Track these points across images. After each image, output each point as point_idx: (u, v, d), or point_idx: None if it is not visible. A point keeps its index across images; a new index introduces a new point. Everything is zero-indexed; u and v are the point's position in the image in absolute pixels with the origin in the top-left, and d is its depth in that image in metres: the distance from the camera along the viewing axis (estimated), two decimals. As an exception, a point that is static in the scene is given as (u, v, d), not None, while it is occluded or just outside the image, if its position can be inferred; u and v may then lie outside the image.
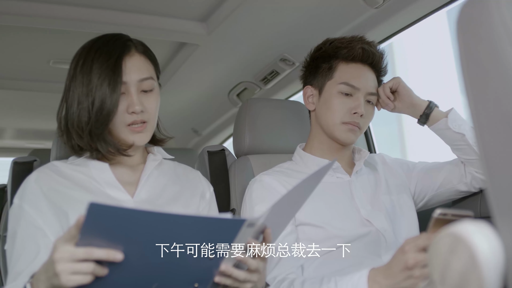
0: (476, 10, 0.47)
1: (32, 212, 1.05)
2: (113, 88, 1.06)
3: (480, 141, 0.49)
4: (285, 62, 2.09)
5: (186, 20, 1.87)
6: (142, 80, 1.11)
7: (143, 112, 1.10)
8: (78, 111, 1.08)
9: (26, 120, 3.06)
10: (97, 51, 1.10)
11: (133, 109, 1.08)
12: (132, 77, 1.10)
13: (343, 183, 1.39)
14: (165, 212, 0.75)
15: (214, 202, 1.29)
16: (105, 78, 1.06)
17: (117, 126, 1.10)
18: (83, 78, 1.08)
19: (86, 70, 1.08)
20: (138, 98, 1.10)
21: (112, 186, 1.12)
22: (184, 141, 3.27)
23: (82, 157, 1.16)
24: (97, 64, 1.08)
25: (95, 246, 0.76)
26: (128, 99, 1.09)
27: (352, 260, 1.26)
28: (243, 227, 0.80)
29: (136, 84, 1.10)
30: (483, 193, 1.43)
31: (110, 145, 1.10)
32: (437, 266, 0.51)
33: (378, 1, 1.59)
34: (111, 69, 1.07)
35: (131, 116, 1.09)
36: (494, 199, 0.49)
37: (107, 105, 1.06)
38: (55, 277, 0.77)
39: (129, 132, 1.10)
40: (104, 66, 1.07)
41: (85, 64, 1.09)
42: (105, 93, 1.06)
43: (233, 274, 0.85)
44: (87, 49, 1.12)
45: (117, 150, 1.11)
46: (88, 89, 1.07)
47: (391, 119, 2.56)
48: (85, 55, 1.11)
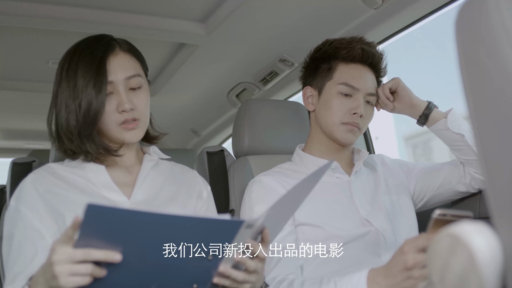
0: (475, 11, 0.47)
1: (29, 214, 1.05)
2: (99, 88, 1.06)
3: (479, 142, 0.49)
4: (284, 63, 2.09)
5: (185, 20, 1.87)
6: (129, 78, 1.11)
7: (133, 110, 1.10)
8: (66, 115, 1.08)
9: (25, 121, 3.05)
10: (81, 53, 1.10)
11: (122, 107, 1.08)
12: (118, 76, 1.09)
13: (342, 183, 1.39)
14: (163, 213, 0.75)
15: (211, 201, 1.28)
16: (90, 79, 1.06)
17: (109, 126, 1.10)
18: (69, 82, 1.08)
19: (71, 74, 1.08)
20: (127, 96, 1.09)
21: (109, 188, 1.12)
22: (183, 142, 3.27)
23: (77, 160, 1.16)
24: (81, 66, 1.08)
25: (93, 248, 0.75)
26: (117, 98, 1.09)
27: (351, 260, 1.26)
28: (242, 228, 0.80)
29: (124, 83, 1.10)
30: (482, 193, 1.43)
31: (100, 145, 1.09)
32: (437, 266, 0.51)
33: (377, 2, 1.59)
34: (95, 69, 1.07)
35: (121, 115, 1.09)
36: (493, 200, 0.49)
37: (94, 106, 1.05)
38: (54, 279, 0.77)
39: (122, 130, 1.10)
40: (88, 68, 1.07)
41: (70, 68, 1.09)
42: (91, 94, 1.05)
43: (232, 275, 0.85)
44: (71, 53, 1.12)
45: (107, 150, 1.11)
46: (74, 92, 1.07)
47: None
48: (70, 58, 1.11)
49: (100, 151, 1.10)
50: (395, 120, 3.70)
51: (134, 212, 0.76)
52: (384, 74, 1.44)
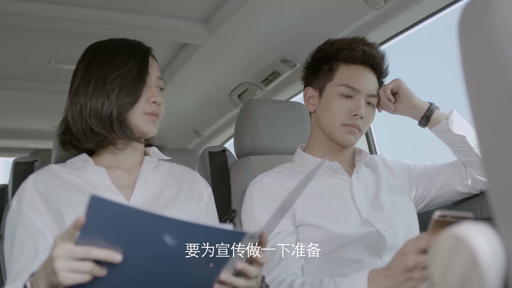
0: (478, 11, 0.47)
1: (30, 214, 1.06)
2: (142, 76, 1.14)
3: (481, 143, 0.49)
4: (286, 63, 2.09)
5: (187, 21, 1.87)
6: (159, 78, 1.20)
7: (159, 106, 1.17)
8: (103, 99, 1.11)
9: (27, 120, 3.06)
10: (118, 47, 1.16)
11: (155, 98, 1.15)
12: (153, 72, 1.18)
13: (343, 184, 1.39)
14: (167, 216, 0.75)
15: (212, 203, 1.28)
16: (133, 67, 1.13)
17: (136, 113, 1.14)
18: (105, 70, 1.13)
19: (108, 62, 1.13)
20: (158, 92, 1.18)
21: (108, 190, 1.13)
22: (185, 142, 3.27)
23: (79, 161, 1.17)
24: (122, 56, 1.14)
25: (94, 246, 0.76)
26: (150, 90, 1.16)
27: (352, 261, 1.26)
28: (244, 239, 0.80)
29: (156, 80, 1.19)
30: (484, 194, 1.43)
31: (127, 129, 1.13)
32: (438, 267, 0.51)
33: (379, 3, 1.59)
34: (139, 59, 1.15)
35: (150, 106, 1.15)
36: (495, 201, 0.49)
37: (136, 88, 1.12)
38: (54, 274, 0.77)
39: (146, 119, 1.15)
40: (131, 57, 1.14)
41: (107, 58, 1.14)
42: (134, 77, 1.13)
43: (233, 283, 0.86)
44: (102, 46, 1.18)
45: (132, 135, 1.15)
46: (111, 78, 1.12)
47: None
48: (105, 50, 1.16)
49: (125, 134, 1.13)
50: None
51: (137, 210, 0.75)
52: (385, 75, 1.44)
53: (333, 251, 1.27)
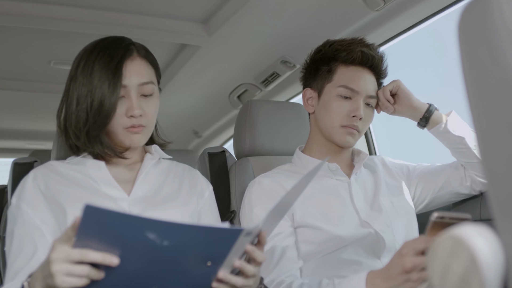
0: (478, 12, 0.47)
1: (29, 211, 1.06)
2: (113, 90, 1.06)
3: (481, 144, 0.49)
4: (285, 64, 2.09)
5: (187, 21, 1.87)
6: (143, 85, 1.11)
7: (142, 117, 1.11)
8: (77, 112, 1.09)
9: (26, 121, 3.06)
10: (99, 53, 1.10)
11: (132, 112, 1.09)
12: (132, 80, 1.10)
13: (342, 185, 1.39)
14: (162, 220, 0.75)
15: (213, 201, 1.28)
16: (105, 80, 1.07)
17: (115, 128, 1.10)
18: (84, 79, 1.09)
19: (87, 71, 1.09)
20: (138, 102, 1.10)
21: (109, 184, 1.13)
22: (184, 143, 3.27)
23: (79, 156, 1.17)
24: (98, 66, 1.08)
25: (91, 249, 0.75)
26: (127, 103, 1.10)
27: (351, 262, 1.26)
28: (241, 236, 0.80)
29: (136, 88, 1.11)
30: (483, 196, 1.43)
31: (107, 147, 1.11)
32: (437, 269, 0.50)
33: (379, 4, 1.59)
34: (112, 71, 1.07)
35: (129, 120, 1.10)
36: (495, 202, 0.49)
37: (106, 107, 1.06)
38: (50, 277, 0.77)
39: (127, 133, 1.11)
40: (105, 69, 1.08)
41: (87, 66, 1.10)
42: (104, 94, 1.06)
43: (231, 281, 0.85)
44: (89, 51, 1.13)
45: (114, 152, 1.12)
46: (87, 90, 1.08)
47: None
48: (87, 56, 1.11)
49: (106, 152, 1.11)
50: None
51: (132, 216, 0.75)
52: (384, 76, 1.44)
53: (331, 252, 1.27)
